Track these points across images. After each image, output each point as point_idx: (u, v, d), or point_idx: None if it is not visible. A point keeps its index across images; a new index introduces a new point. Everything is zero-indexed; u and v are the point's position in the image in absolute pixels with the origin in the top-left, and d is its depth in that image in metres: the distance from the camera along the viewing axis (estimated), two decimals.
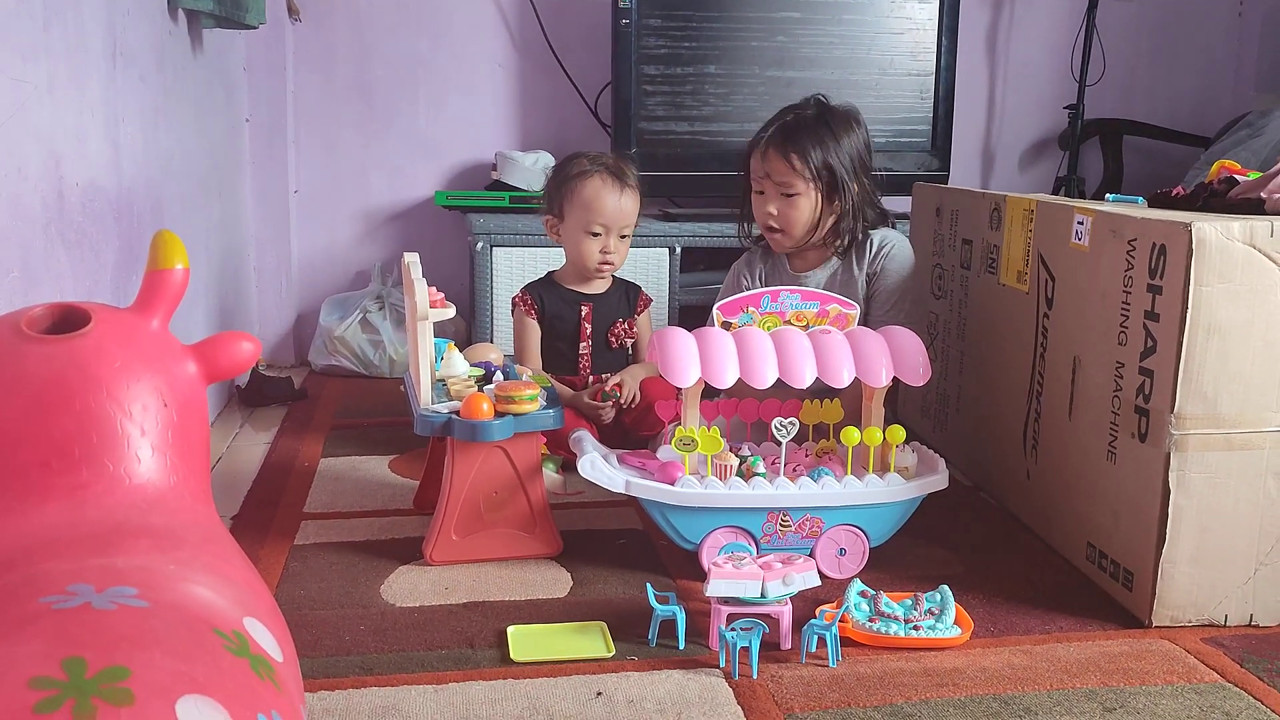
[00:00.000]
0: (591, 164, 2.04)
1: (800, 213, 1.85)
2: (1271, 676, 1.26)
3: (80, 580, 0.71)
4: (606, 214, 2.01)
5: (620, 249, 2.05)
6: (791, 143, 1.83)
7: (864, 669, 1.26)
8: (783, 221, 1.87)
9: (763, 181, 1.87)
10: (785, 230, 1.87)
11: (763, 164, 1.86)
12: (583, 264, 2.05)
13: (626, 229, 2.04)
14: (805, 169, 1.82)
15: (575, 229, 2.03)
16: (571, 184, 2.03)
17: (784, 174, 1.84)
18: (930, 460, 1.57)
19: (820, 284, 1.91)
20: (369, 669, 1.24)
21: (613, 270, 2.08)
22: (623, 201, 2.02)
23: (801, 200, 1.84)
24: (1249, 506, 1.35)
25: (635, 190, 2.05)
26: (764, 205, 1.88)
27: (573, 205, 2.02)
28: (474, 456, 1.53)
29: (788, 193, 1.84)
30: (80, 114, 1.52)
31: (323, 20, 2.80)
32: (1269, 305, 1.31)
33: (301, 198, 2.86)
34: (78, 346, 0.87)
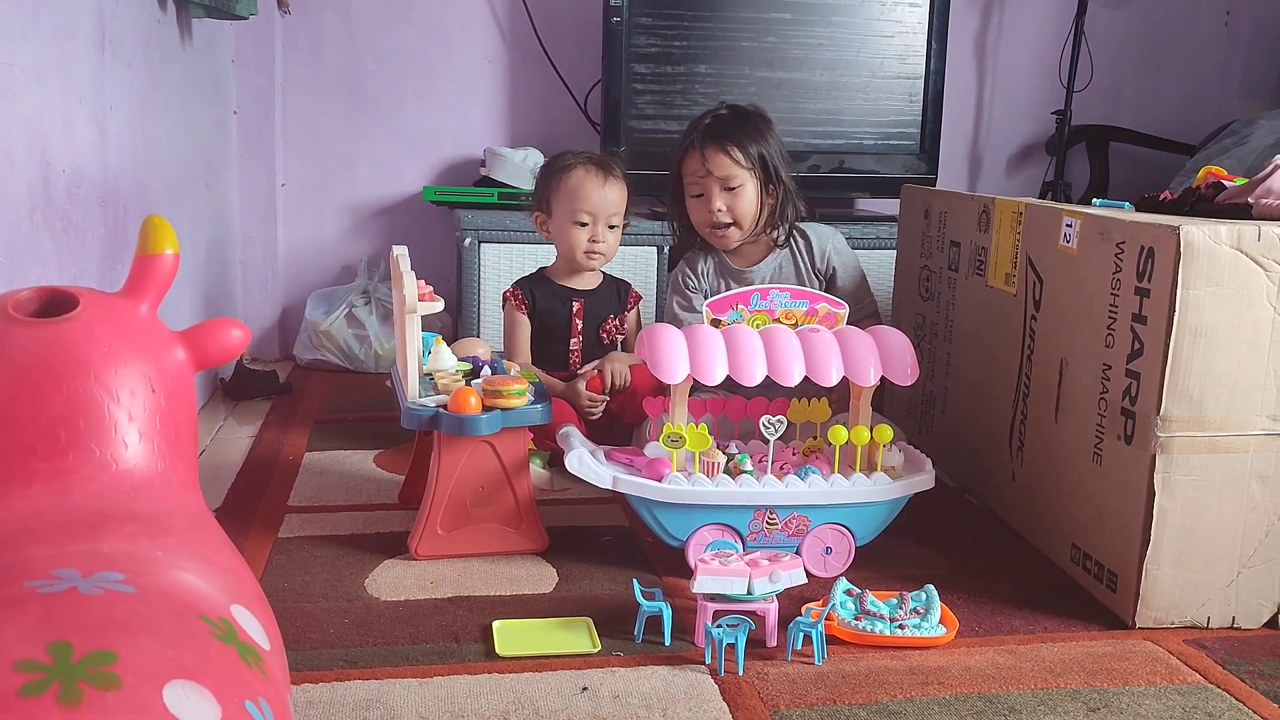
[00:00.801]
0: (576, 158, 2.06)
1: (747, 202, 1.94)
2: (1253, 678, 1.27)
3: (66, 565, 0.71)
4: (591, 202, 2.01)
5: (609, 239, 2.05)
6: (726, 137, 1.92)
7: (849, 667, 1.26)
8: (733, 214, 1.94)
9: (703, 181, 1.94)
10: (736, 222, 1.95)
11: (703, 163, 1.93)
12: (572, 254, 2.05)
13: (614, 218, 2.04)
14: (744, 158, 1.92)
15: (563, 220, 2.03)
16: (557, 177, 2.04)
17: (726, 167, 1.92)
18: (917, 460, 1.58)
19: (767, 278, 2.00)
20: (353, 662, 1.24)
21: (602, 261, 2.07)
22: (607, 190, 2.02)
23: (746, 190, 1.93)
24: (1232, 509, 1.36)
25: (621, 181, 2.05)
26: (709, 204, 1.94)
27: (559, 197, 2.03)
28: (460, 451, 1.52)
29: (730, 185, 1.92)
30: (67, 100, 1.51)
31: (312, 13, 2.79)
32: (1255, 309, 1.32)
33: (288, 191, 2.85)
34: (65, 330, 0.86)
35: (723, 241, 1.99)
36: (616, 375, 1.99)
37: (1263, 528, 1.37)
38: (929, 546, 1.64)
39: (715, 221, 1.95)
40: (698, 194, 1.96)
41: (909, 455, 1.58)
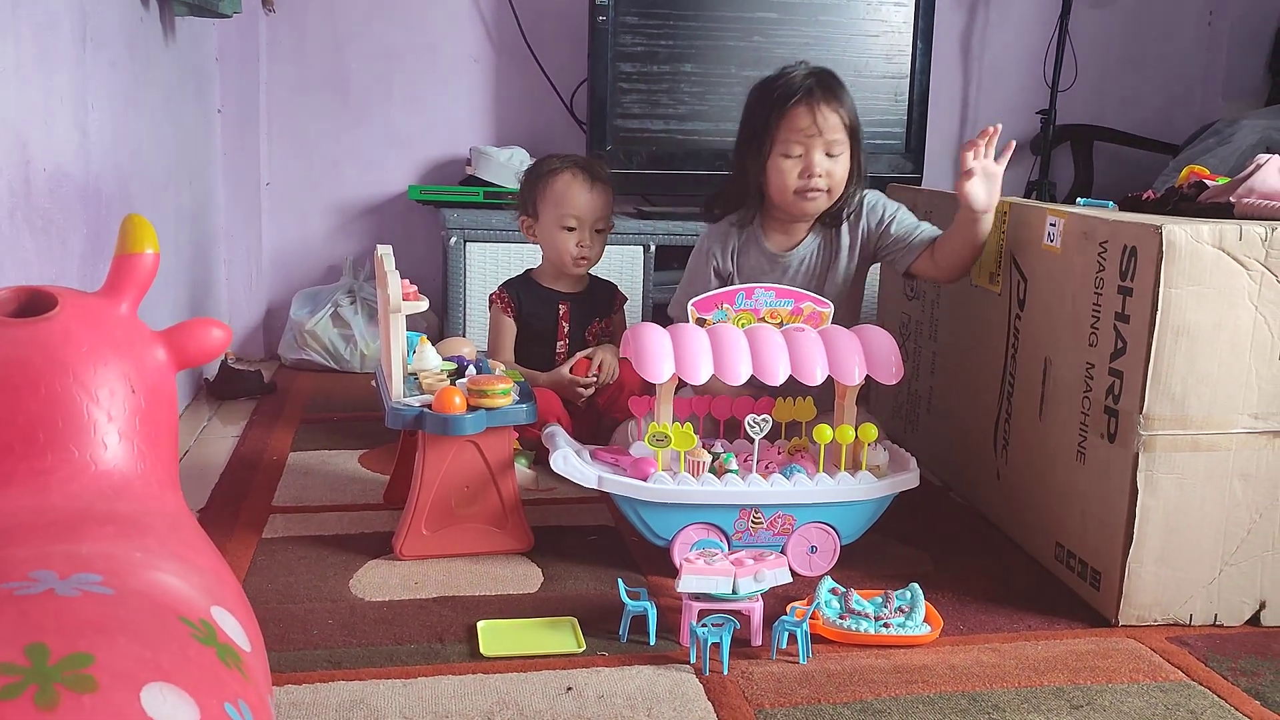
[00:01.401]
0: (561, 162, 2.05)
1: (843, 169, 1.76)
2: (1235, 675, 1.27)
3: (43, 566, 0.70)
4: (579, 207, 2.01)
5: (595, 244, 2.04)
6: (838, 96, 1.73)
7: (834, 666, 1.26)
8: (831, 180, 1.75)
9: (809, 140, 1.73)
10: (832, 189, 1.76)
11: (813, 120, 1.72)
12: (559, 259, 2.04)
13: (600, 223, 2.04)
14: (852, 120, 1.75)
15: (550, 225, 2.03)
16: (543, 182, 2.04)
17: (837, 129, 1.73)
18: (901, 459, 1.58)
19: (803, 262, 1.84)
20: (337, 663, 1.23)
21: (590, 265, 2.07)
22: (594, 195, 2.02)
23: (844, 157, 1.75)
24: (1215, 507, 1.37)
25: (606, 185, 2.05)
26: (809, 164, 1.73)
27: (545, 202, 2.02)
28: (445, 450, 1.52)
29: (833, 152, 1.74)
30: (48, 98, 1.50)
31: (297, 11, 2.78)
32: (1237, 308, 1.32)
33: (273, 190, 2.84)
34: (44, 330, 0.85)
35: (808, 207, 1.77)
36: (605, 366, 2.00)
37: (1245, 525, 1.38)
38: (914, 545, 1.64)
39: (812, 186, 1.74)
40: (797, 154, 1.74)
41: (894, 454, 1.59)
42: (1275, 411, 1.36)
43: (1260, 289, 1.33)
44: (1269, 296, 1.33)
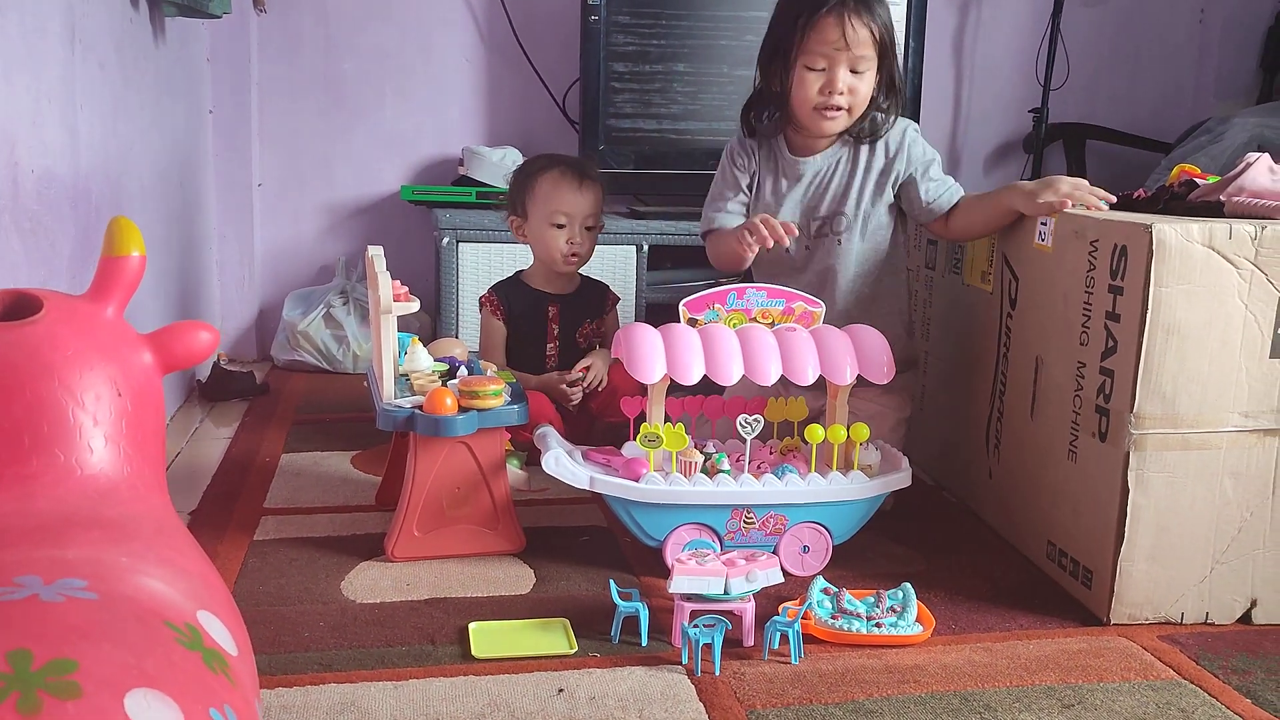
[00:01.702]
0: (549, 161, 2.05)
1: (867, 87, 1.69)
2: (1226, 674, 1.27)
3: (28, 572, 0.70)
4: (567, 204, 2.00)
5: (586, 241, 2.04)
6: (870, 8, 1.65)
7: (826, 666, 1.26)
8: (853, 98, 1.68)
9: (833, 54, 1.65)
10: (853, 108, 1.69)
11: (842, 33, 1.63)
12: (550, 258, 2.04)
13: (590, 220, 2.03)
14: (883, 36, 1.66)
15: (539, 224, 2.02)
16: (531, 181, 2.03)
17: (865, 45, 1.65)
18: (893, 458, 1.58)
19: (820, 171, 1.76)
20: (328, 665, 1.23)
21: (580, 263, 2.07)
22: (583, 193, 2.01)
23: (869, 75, 1.68)
24: (1205, 506, 1.37)
25: (595, 183, 2.04)
26: (832, 80, 1.66)
27: (534, 201, 2.02)
28: (437, 452, 1.52)
29: (860, 68, 1.67)
30: (37, 100, 1.50)
31: (288, 11, 2.77)
32: (1227, 306, 1.32)
33: (265, 190, 2.83)
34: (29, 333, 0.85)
35: (825, 125, 1.70)
36: (593, 370, 1.99)
37: (1235, 524, 1.38)
38: (906, 544, 1.64)
39: (832, 104, 1.67)
40: (820, 67, 1.66)
41: (885, 453, 1.58)
42: (1265, 410, 1.36)
43: (1250, 287, 1.33)
44: (1259, 295, 1.33)
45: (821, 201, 1.76)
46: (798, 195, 1.77)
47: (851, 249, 1.75)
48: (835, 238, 1.75)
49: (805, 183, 1.77)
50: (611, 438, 2.02)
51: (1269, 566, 1.40)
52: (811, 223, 1.77)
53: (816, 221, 1.77)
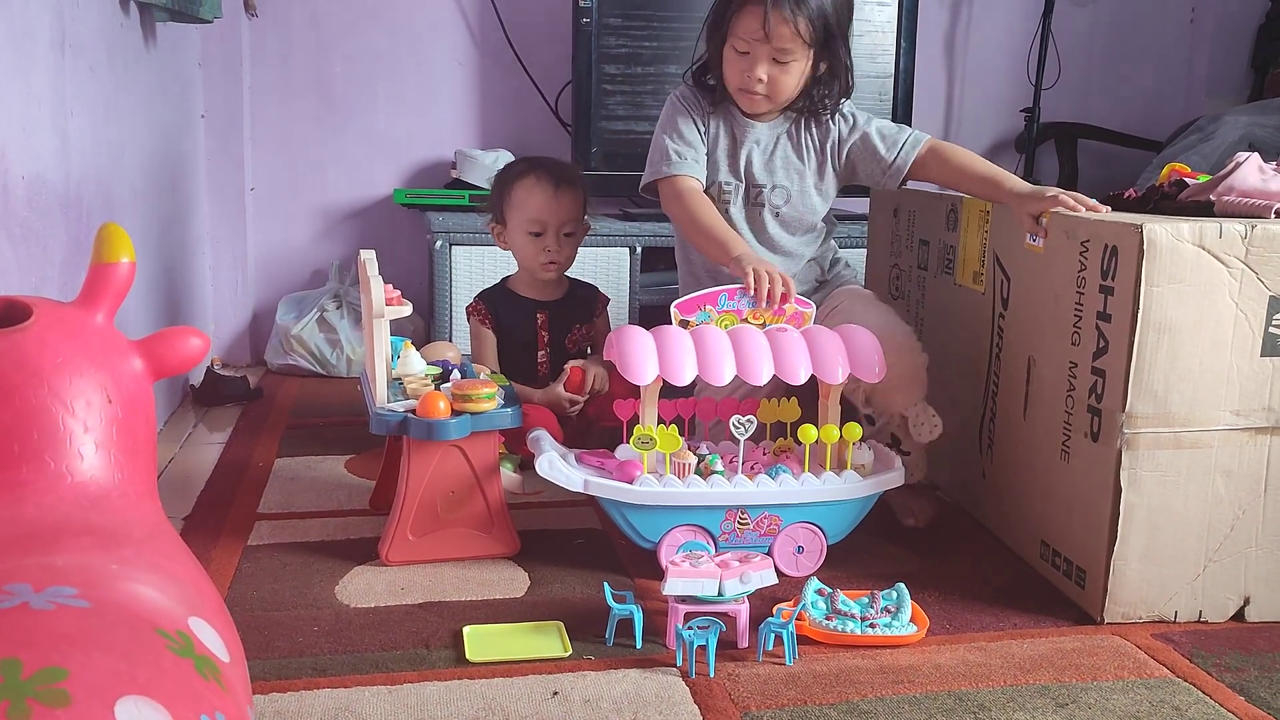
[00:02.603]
0: (527, 165, 2.04)
1: (791, 78, 1.71)
2: (1220, 671, 1.28)
3: (18, 580, 0.69)
4: (541, 210, 1.99)
5: (564, 247, 2.02)
6: (801, 5, 1.65)
7: (820, 667, 1.26)
8: (771, 87, 1.71)
9: (754, 43, 1.68)
10: (771, 96, 1.72)
11: (761, 25, 1.65)
12: (528, 266, 2.03)
13: (569, 226, 2.01)
14: (809, 32, 1.66)
15: (516, 231, 2.02)
16: (508, 187, 2.02)
17: (787, 40, 1.66)
18: (887, 458, 1.58)
19: (764, 140, 1.80)
20: (322, 670, 1.23)
21: (559, 271, 2.05)
22: (559, 198, 1.99)
23: (795, 66, 1.69)
24: (1198, 504, 1.37)
25: (575, 188, 2.02)
26: (751, 67, 1.70)
27: (511, 208, 2.02)
28: (430, 455, 1.51)
29: (783, 59, 1.68)
30: (27, 105, 1.49)
31: (280, 15, 2.77)
32: (1217, 305, 1.33)
33: (258, 195, 2.83)
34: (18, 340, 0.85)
35: (749, 106, 1.76)
36: (597, 378, 1.98)
37: (1228, 522, 1.38)
38: (900, 544, 1.64)
39: (749, 89, 1.71)
40: (743, 51, 1.69)
41: (879, 453, 1.59)
42: (1257, 408, 1.36)
43: (1240, 286, 1.33)
44: (1249, 293, 1.33)
45: (764, 169, 1.80)
46: (742, 158, 1.80)
47: (781, 222, 1.82)
48: (770, 209, 1.81)
49: (748, 148, 1.80)
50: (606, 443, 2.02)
51: (1262, 564, 1.40)
52: (751, 189, 1.81)
53: (755, 189, 1.81)
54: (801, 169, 1.82)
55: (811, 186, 1.83)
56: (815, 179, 1.83)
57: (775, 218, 1.82)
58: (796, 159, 1.82)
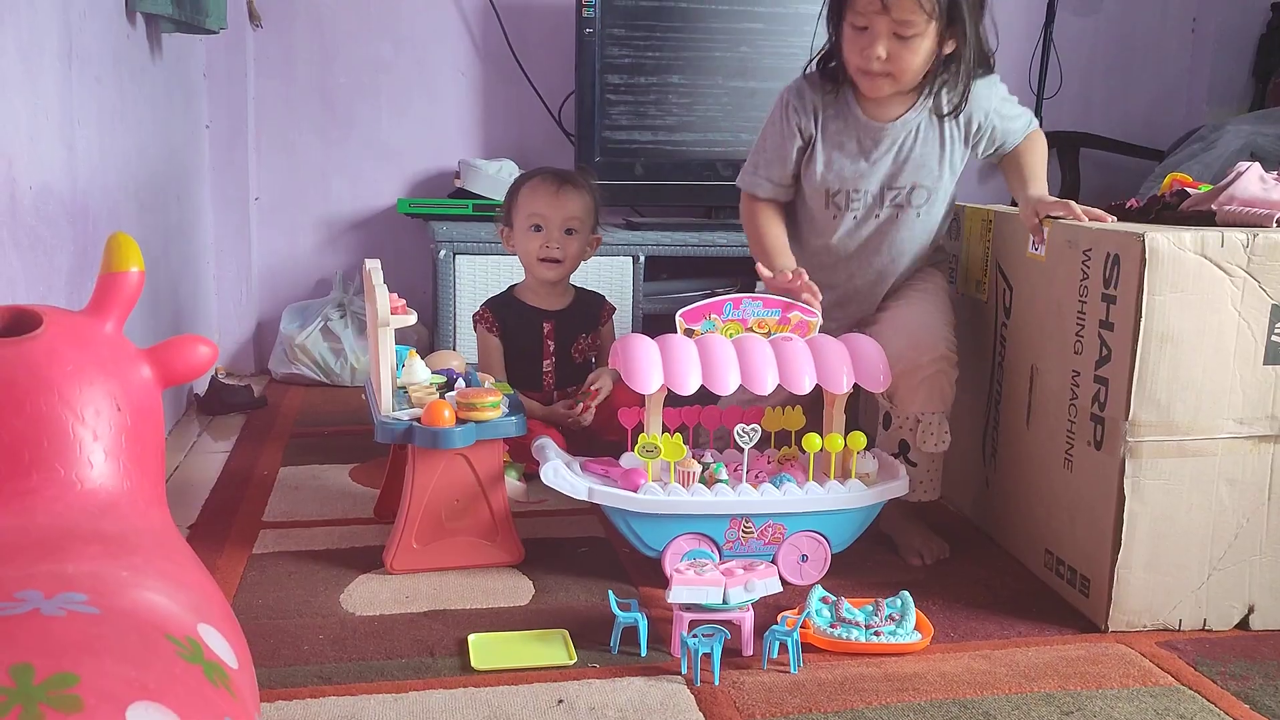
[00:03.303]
0: (535, 171, 2.07)
1: (916, 56, 1.55)
2: (1224, 680, 1.28)
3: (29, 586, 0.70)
4: (542, 206, 2.00)
5: (566, 245, 2.02)
6: None
7: (825, 675, 1.27)
8: (894, 65, 1.55)
9: (872, 17, 1.53)
10: (895, 75, 1.57)
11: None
12: (528, 263, 2.04)
13: (571, 224, 2.02)
14: (932, 3, 1.51)
15: (520, 230, 2.03)
16: (516, 191, 2.06)
17: (909, 11, 1.51)
18: (891, 467, 1.58)
19: (899, 140, 1.64)
20: (327, 678, 1.23)
21: (560, 270, 2.04)
22: (561, 195, 2.01)
23: (920, 42, 1.54)
24: (1202, 512, 1.38)
25: (581, 189, 2.03)
26: (870, 44, 1.54)
27: (516, 209, 2.04)
28: (435, 464, 1.52)
29: (906, 34, 1.53)
30: (34, 116, 1.50)
31: (284, 26, 2.78)
32: (1220, 314, 1.33)
33: (262, 204, 2.84)
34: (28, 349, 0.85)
35: (871, 89, 1.60)
36: (601, 390, 1.99)
37: (1232, 530, 1.39)
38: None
39: (869, 69, 1.56)
40: (862, 26, 1.55)
41: (883, 462, 1.59)
42: (1260, 416, 1.37)
43: (1243, 295, 1.33)
44: (1251, 302, 1.34)
45: (901, 171, 1.66)
46: (879, 161, 1.65)
47: (920, 222, 1.69)
48: (913, 210, 1.68)
49: (885, 149, 1.65)
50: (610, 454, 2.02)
51: (1266, 572, 1.40)
52: (887, 192, 1.67)
53: (893, 192, 1.67)
54: (940, 162, 1.66)
55: (948, 181, 1.69)
56: (953, 169, 1.69)
57: (917, 219, 1.69)
58: (937, 151, 1.66)
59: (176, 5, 2.08)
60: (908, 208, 1.68)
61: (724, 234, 2.62)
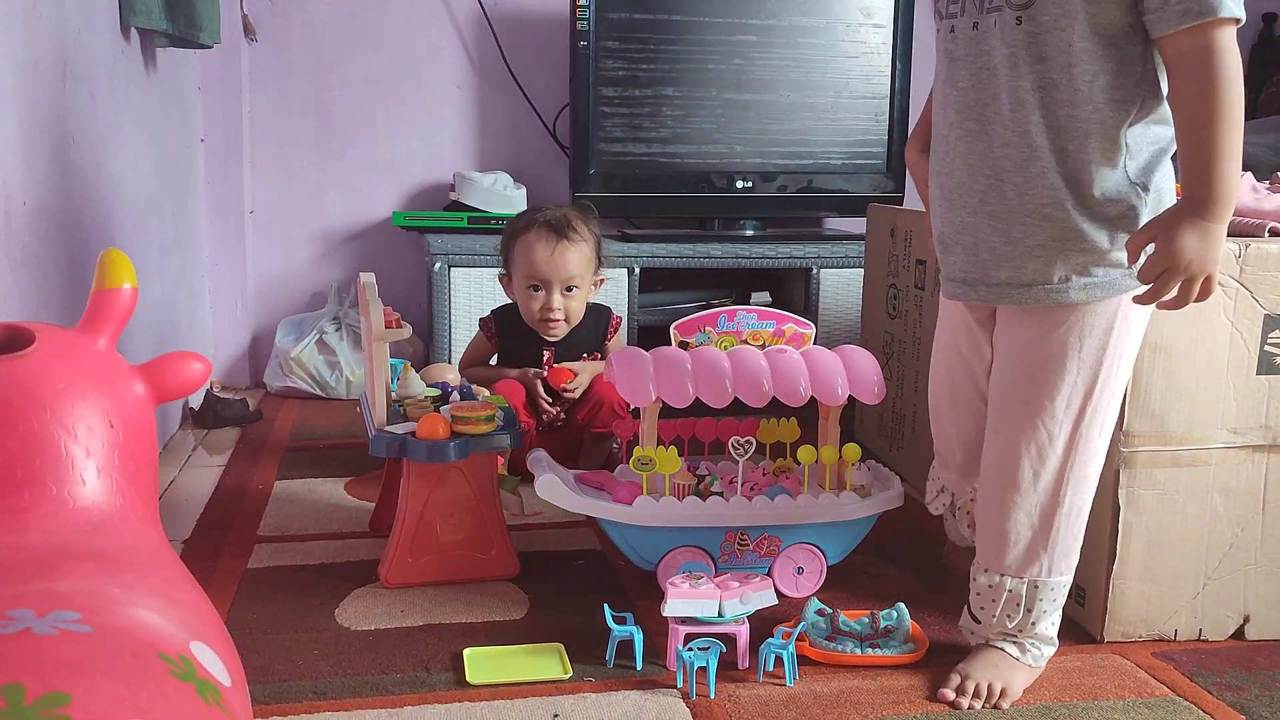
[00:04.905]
0: (534, 216, 2.01)
1: None
2: (1220, 690, 1.28)
3: (21, 605, 0.70)
4: (540, 267, 1.96)
5: (567, 304, 1.99)
6: None
7: (821, 687, 1.26)
8: None
9: None
10: None
11: None
12: (529, 320, 2.02)
13: (571, 281, 1.98)
14: None
15: (519, 285, 2.01)
16: (513, 241, 2.02)
17: None
18: (886, 478, 1.58)
19: None
20: (322, 693, 1.23)
21: (563, 329, 2.02)
22: (557, 255, 1.96)
23: None
24: (1196, 523, 1.38)
25: (580, 242, 1.98)
26: None
27: (514, 261, 2.02)
28: (430, 477, 1.52)
29: None
30: (29, 133, 1.50)
31: (279, 40, 2.79)
32: (1213, 324, 1.34)
33: (257, 218, 2.84)
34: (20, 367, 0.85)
35: None
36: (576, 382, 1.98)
37: (1226, 540, 1.39)
38: (899, 564, 1.64)
39: None
40: None
41: (878, 474, 1.59)
42: (1254, 426, 1.37)
43: (1235, 305, 1.34)
44: (1244, 312, 1.34)
45: None
46: None
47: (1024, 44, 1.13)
48: (1011, 13, 1.13)
49: None
50: (600, 448, 2.02)
51: (1261, 582, 1.40)
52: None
53: None
54: None
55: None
56: None
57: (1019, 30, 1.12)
58: None
59: (171, 20, 2.08)
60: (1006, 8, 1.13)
61: (719, 245, 2.63)
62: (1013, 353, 1.23)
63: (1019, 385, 1.22)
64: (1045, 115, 1.14)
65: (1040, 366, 1.20)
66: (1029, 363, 1.21)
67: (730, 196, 2.74)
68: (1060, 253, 1.17)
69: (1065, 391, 1.20)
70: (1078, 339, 1.19)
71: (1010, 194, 1.17)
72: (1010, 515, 1.24)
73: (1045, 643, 1.27)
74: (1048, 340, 1.20)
